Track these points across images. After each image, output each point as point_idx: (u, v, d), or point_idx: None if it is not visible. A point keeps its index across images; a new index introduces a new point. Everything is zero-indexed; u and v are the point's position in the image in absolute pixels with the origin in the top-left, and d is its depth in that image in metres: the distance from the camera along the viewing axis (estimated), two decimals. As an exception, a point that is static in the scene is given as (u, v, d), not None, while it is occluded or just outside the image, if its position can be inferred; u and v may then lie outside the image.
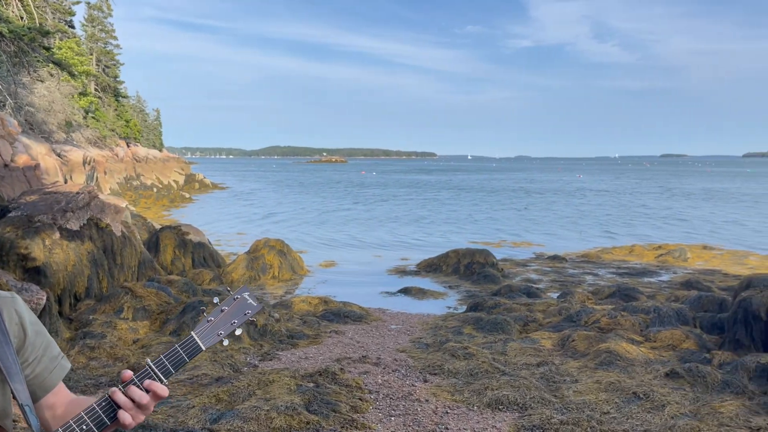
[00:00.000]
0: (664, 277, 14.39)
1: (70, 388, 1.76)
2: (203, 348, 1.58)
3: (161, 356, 1.55)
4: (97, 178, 30.61)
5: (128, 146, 46.10)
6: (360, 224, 27.21)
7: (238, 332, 1.62)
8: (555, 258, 17.13)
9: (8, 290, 6.88)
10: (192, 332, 1.60)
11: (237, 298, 1.64)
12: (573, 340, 7.75)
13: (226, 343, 1.63)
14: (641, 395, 5.78)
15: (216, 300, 1.65)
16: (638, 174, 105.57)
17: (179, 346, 1.57)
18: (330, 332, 8.88)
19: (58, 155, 25.39)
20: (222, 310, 1.62)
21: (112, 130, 42.41)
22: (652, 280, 14.11)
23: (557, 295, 11.96)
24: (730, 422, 5.13)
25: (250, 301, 1.65)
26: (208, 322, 1.60)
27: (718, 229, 25.04)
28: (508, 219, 29.76)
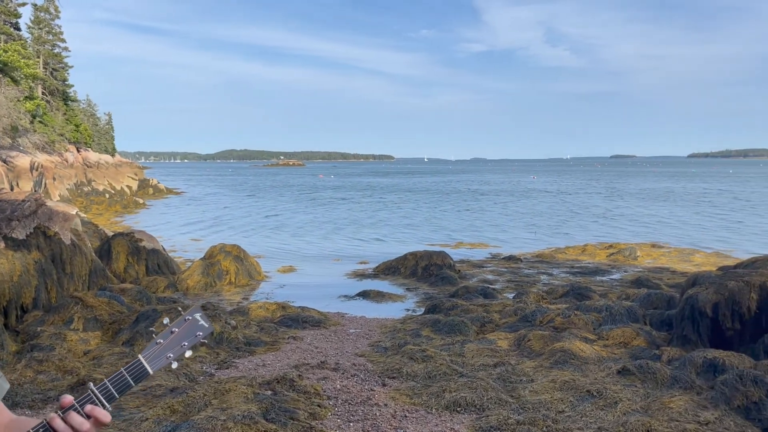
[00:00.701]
0: (616, 276, 14.77)
1: (17, 403, 1.69)
2: (150, 372, 1.53)
3: (105, 380, 1.48)
4: (45, 184, 29.65)
5: (78, 151, 44.81)
6: (318, 228, 27.10)
7: (188, 354, 1.58)
8: (510, 258, 17.40)
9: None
10: (139, 355, 1.55)
11: (188, 319, 1.60)
12: (528, 340, 7.88)
13: (175, 366, 1.58)
14: (595, 393, 5.92)
15: (166, 321, 1.60)
16: (589, 175, 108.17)
17: (125, 370, 1.50)
18: (288, 338, 8.82)
19: (4, 161, 24.51)
20: (172, 332, 1.58)
21: (61, 135, 41.18)
22: (604, 278, 14.47)
23: (513, 295, 12.14)
24: (680, 417, 5.30)
25: (202, 322, 1.61)
26: (156, 344, 1.55)
27: (666, 227, 25.86)
28: (465, 220, 30.08)
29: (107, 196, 39.58)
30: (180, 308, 1.71)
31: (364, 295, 12.71)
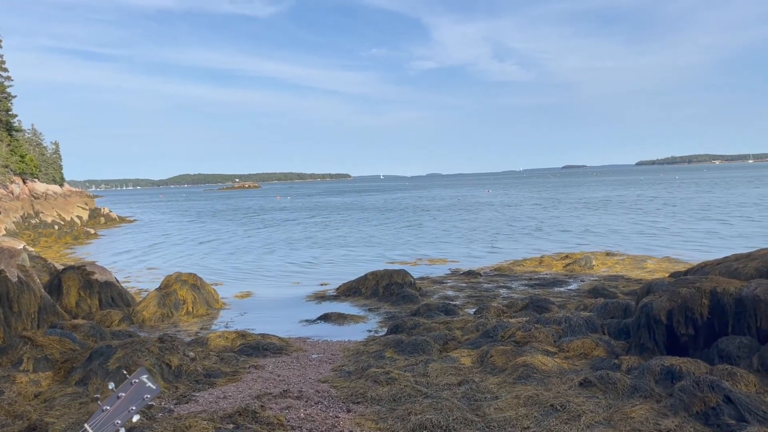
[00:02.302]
0: (573, 286, 15.02)
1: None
2: None
3: None
4: (-11, 218, 28.56)
5: (25, 183, 43.40)
6: (276, 251, 26.82)
7: (135, 419, 1.53)
8: (470, 273, 17.53)
9: None
10: (86, 425, 1.48)
11: (135, 382, 1.55)
12: (491, 356, 7.92)
13: None
14: (558, 407, 5.97)
15: (111, 386, 1.55)
16: (541, 186, 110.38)
17: None
18: (249, 367, 8.64)
19: (-57, 196, 23.51)
20: (118, 397, 1.52)
21: (6, 167, 39.83)
22: (561, 289, 14.70)
23: (474, 310, 12.21)
24: (642, 426, 5.38)
25: (149, 384, 1.56)
26: (103, 411, 1.50)
27: (618, 235, 26.51)
28: (422, 237, 30.22)
29: (56, 227, 38.36)
30: (125, 371, 1.66)
31: (326, 318, 12.60)
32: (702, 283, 7.31)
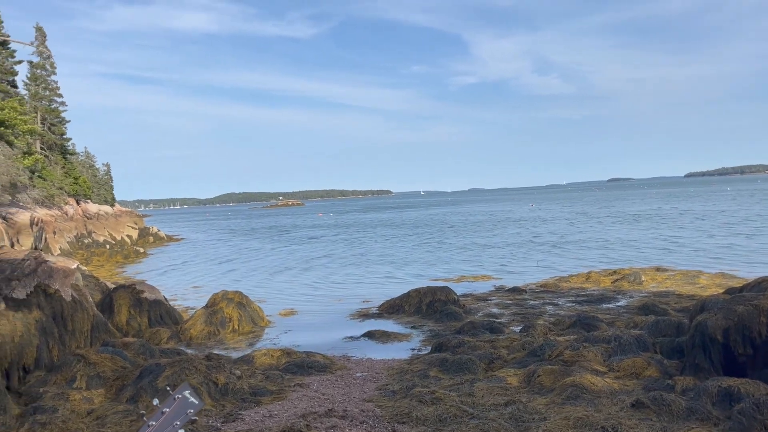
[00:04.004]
0: (622, 303, 14.64)
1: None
2: None
3: None
4: (45, 239, 29.65)
5: (78, 203, 44.97)
6: (318, 268, 26.99)
7: None
8: (515, 290, 17.28)
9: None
10: None
11: (178, 397, 1.57)
12: (539, 376, 7.76)
13: None
14: (610, 429, 5.79)
15: (156, 402, 1.57)
16: (586, 200, 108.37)
17: None
18: (294, 386, 8.68)
19: (3, 218, 24.57)
20: (163, 413, 1.54)
21: (61, 189, 41.37)
22: (610, 306, 14.34)
23: (520, 328, 12.01)
24: (697, 450, 5.17)
25: (192, 399, 1.58)
26: (148, 426, 1.52)
27: (668, 249, 25.77)
28: (464, 253, 29.97)
29: (108, 247, 39.54)
30: (168, 388, 1.68)
31: (369, 335, 12.58)
32: (760, 300, 7.02)
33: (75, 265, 12.10)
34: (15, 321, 8.66)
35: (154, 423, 1.54)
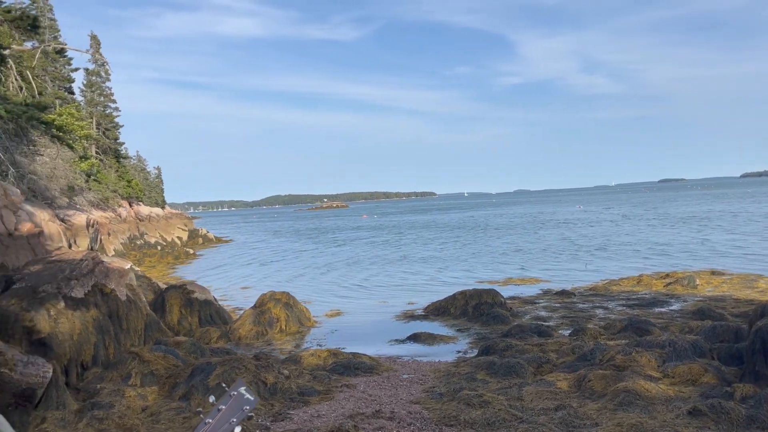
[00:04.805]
0: (675, 307, 14.21)
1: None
2: None
3: None
4: (100, 240, 30.66)
5: (131, 206, 46.35)
6: (363, 270, 27.09)
7: (237, 431, 1.57)
8: (563, 293, 16.97)
9: (13, 366, 6.80)
10: None
11: (233, 394, 1.60)
12: (589, 381, 7.60)
13: None
14: (665, 436, 5.62)
15: (212, 399, 1.60)
16: (635, 201, 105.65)
17: None
18: (341, 386, 8.73)
19: (62, 220, 25.51)
20: (219, 410, 1.57)
21: (114, 191, 42.71)
22: (662, 310, 13.94)
23: (569, 332, 11.80)
24: (759, 460, 4.97)
25: (247, 395, 1.60)
26: (205, 424, 1.55)
27: (724, 252, 24.89)
28: (512, 255, 29.61)
29: (159, 248, 40.61)
30: (224, 385, 1.70)
31: (415, 338, 12.55)
32: (825, 305, 6.70)
33: (129, 266, 12.47)
34: (74, 319, 8.97)
35: (210, 420, 1.57)
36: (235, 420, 1.58)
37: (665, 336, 9.17)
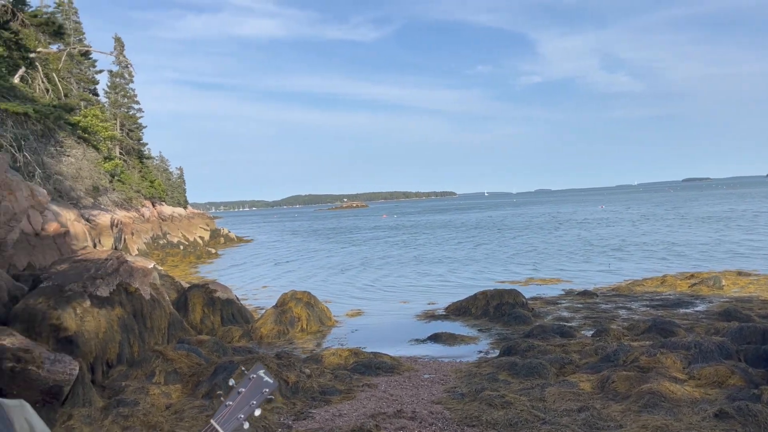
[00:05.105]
0: (700, 308, 14.01)
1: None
2: None
3: None
4: (124, 239, 31.07)
5: (154, 206, 46.90)
6: (383, 270, 27.11)
7: (257, 413, 1.60)
8: (585, 293, 16.82)
9: (41, 363, 6.92)
10: (211, 420, 1.58)
11: (253, 377, 1.63)
12: (613, 382, 7.52)
13: (246, 426, 1.60)
14: (691, 439, 5.55)
15: (232, 382, 1.63)
16: (656, 200, 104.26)
17: None
18: (362, 386, 8.74)
19: (87, 220, 25.89)
20: (239, 392, 1.61)
21: (138, 192, 43.26)
22: (687, 311, 13.75)
23: (591, 332, 11.69)
24: (789, 464, 4.88)
25: (266, 378, 1.64)
26: (226, 406, 1.58)
27: (745, 253, 24.46)
28: (532, 255, 29.41)
29: (181, 247, 41.05)
30: (243, 368, 1.73)
31: (436, 338, 12.53)
32: None
33: (152, 265, 12.62)
34: (99, 318, 9.11)
35: (231, 403, 1.61)
36: (255, 402, 1.62)
37: (690, 337, 9.05)
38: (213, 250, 41.56)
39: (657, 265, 22.47)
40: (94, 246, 23.08)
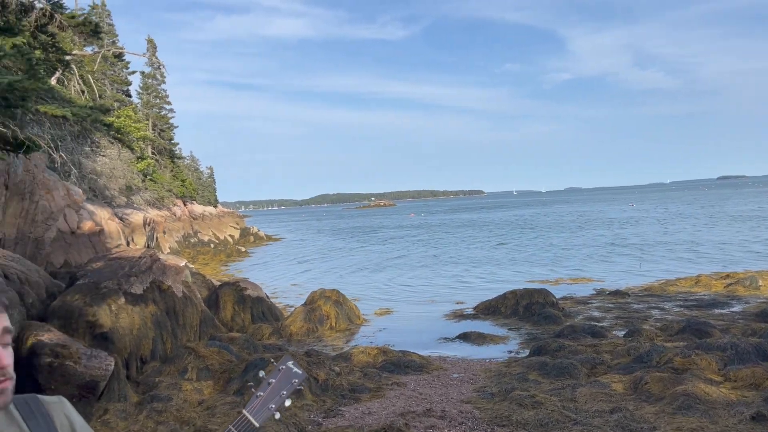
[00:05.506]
0: (736, 308, 13.70)
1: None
2: (257, 425, 1.61)
3: None
4: (156, 238, 31.61)
5: (185, 205, 47.60)
6: (411, 268, 27.08)
7: (288, 403, 1.64)
8: (617, 293, 16.58)
9: (78, 359, 7.08)
10: (243, 410, 1.62)
11: (282, 368, 1.67)
12: (646, 383, 7.41)
13: (277, 416, 1.64)
14: (727, 442, 5.44)
15: (262, 374, 1.67)
16: (686, 199, 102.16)
17: (233, 427, 1.58)
18: (391, 384, 8.76)
19: (120, 219, 26.41)
20: (269, 383, 1.64)
21: (169, 191, 43.95)
22: (723, 311, 13.46)
23: (624, 333, 11.53)
24: (831, 470, 4.75)
25: (296, 369, 1.68)
26: (257, 397, 1.62)
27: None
28: (561, 254, 29.09)
29: (212, 246, 41.59)
30: (272, 359, 1.77)
31: (464, 337, 12.48)
32: None
33: (184, 263, 12.82)
34: (133, 314, 9.29)
35: (262, 393, 1.65)
36: (285, 393, 1.66)
37: (726, 338, 8.87)
38: (243, 249, 42.01)
39: (690, 265, 22.05)
40: (127, 244, 23.54)
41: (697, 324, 10.85)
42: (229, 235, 49.21)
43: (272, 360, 1.76)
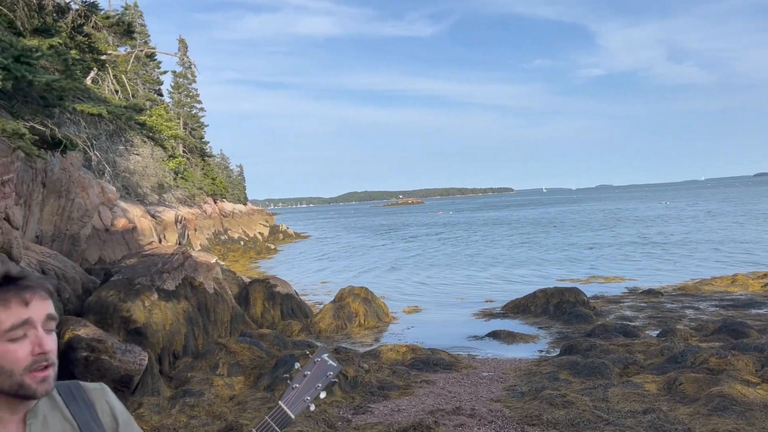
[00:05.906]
0: (775, 309, 13.37)
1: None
2: (292, 417, 1.62)
3: (252, 430, 1.58)
4: (188, 235, 32.07)
5: (215, 202, 48.21)
6: (440, 267, 27.01)
7: (323, 395, 1.65)
8: (650, 292, 16.30)
9: (113, 353, 7.23)
10: (279, 401, 1.63)
11: (317, 361, 1.68)
12: (680, 384, 7.27)
13: (312, 408, 1.66)
14: (765, 445, 5.31)
15: (297, 366, 1.69)
16: (720, 197, 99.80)
17: (269, 418, 1.59)
18: (420, 382, 8.75)
19: (152, 216, 26.86)
20: (305, 375, 1.66)
21: (200, 189, 44.54)
22: (760, 311, 13.14)
23: (657, 333, 11.34)
24: None
25: (330, 362, 1.69)
26: (293, 389, 1.64)
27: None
28: (593, 253, 28.70)
29: (242, 243, 42.04)
30: (308, 352, 1.79)
31: (494, 335, 12.40)
32: None
33: (215, 260, 12.99)
34: (166, 310, 9.44)
35: (297, 385, 1.67)
36: (320, 385, 1.68)
37: (764, 339, 8.66)
38: (272, 246, 42.38)
39: (725, 264, 21.57)
40: (160, 241, 23.93)
41: (734, 324, 10.62)
42: (259, 233, 49.69)
43: (308, 352, 1.78)
